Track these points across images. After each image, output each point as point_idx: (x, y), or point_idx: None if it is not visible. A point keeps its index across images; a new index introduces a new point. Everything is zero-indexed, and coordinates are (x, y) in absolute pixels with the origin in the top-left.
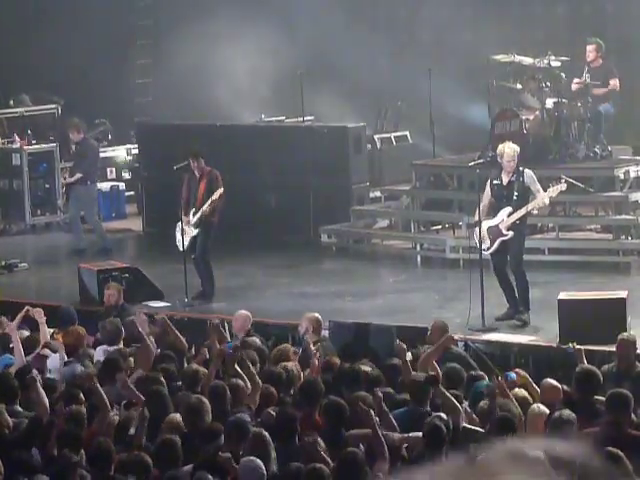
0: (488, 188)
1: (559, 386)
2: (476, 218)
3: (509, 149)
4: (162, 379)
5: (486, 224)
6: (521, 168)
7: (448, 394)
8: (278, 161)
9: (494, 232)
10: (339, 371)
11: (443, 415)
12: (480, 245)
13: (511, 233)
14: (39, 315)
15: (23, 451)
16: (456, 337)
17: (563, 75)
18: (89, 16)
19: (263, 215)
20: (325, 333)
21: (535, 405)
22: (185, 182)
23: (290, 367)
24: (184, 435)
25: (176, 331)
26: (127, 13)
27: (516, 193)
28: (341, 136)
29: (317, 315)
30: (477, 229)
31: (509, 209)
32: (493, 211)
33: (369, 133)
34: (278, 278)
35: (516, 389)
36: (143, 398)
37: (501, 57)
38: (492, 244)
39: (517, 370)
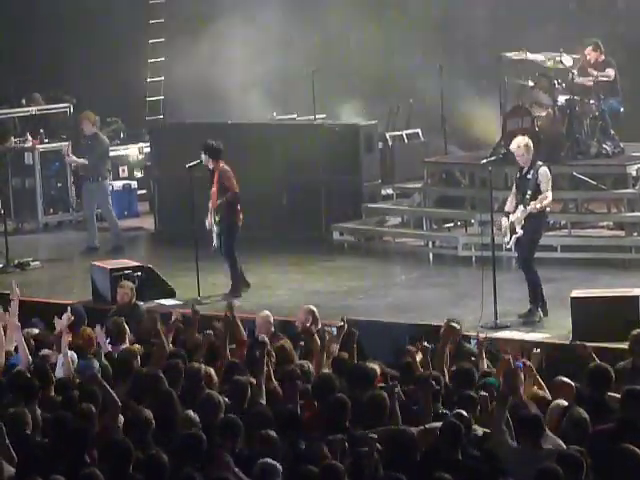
0: (514, 181)
1: (572, 384)
2: (506, 209)
3: (514, 143)
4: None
5: (511, 218)
6: (539, 163)
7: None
8: (290, 159)
9: (511, 228)
10: (351, 370)
11: (463, 412)
12: (493, 241)
13: (521, 231)
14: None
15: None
16: (468, 334)
17: (575, 72)
18: (102, 14)
19: (275, 213)
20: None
21: (559, 401)
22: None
23: (305, 365)
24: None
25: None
26: (139, 11)
27: (529, 191)
28: (353, 134)
29: (312, 307)
30: (502, 220)
31: (522, 207)
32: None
33: (380, 131)
34: (290, 275)
35: (535, 388)
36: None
37: (513, 54)
38: (510, 239)
39: (524, 360)
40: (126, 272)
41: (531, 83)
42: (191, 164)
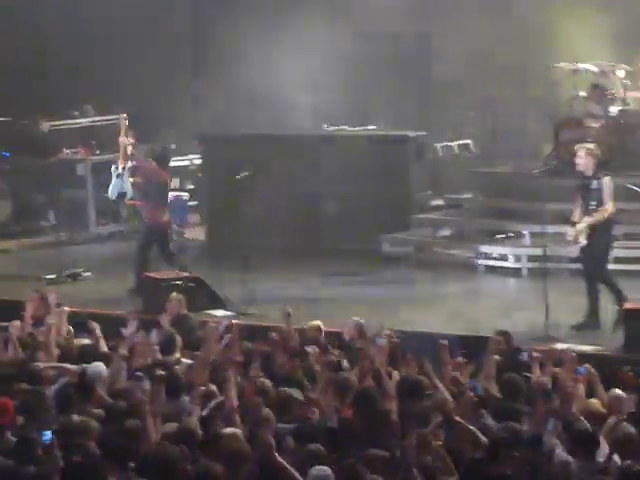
0: (578, 191)
1: (625, 397)
2: (573, 219)
3: (578, 146)
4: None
5: (577, 227)
6: (603, 172)
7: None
8: (339, 169)
9: (576, 238)
10: (401, 382)
11: (514, 424)
12: (545, 252)
13: (584, 242)
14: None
15: None
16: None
17: (628, 83)
18: (155, 28)
19: (324, 223)
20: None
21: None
22: None
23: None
24: None
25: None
26: (192, 26)
27: (594, 202)
28: (402, 144)
29: (360, 319)
30: (569, 230)
31: (587, 217)
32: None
33: (431, 141)
34: (338, 287)
35: (592, 400)
36: None
37: (565, 64)
38: (577, 247)
39: (587, 365)
40: (176, 282)
41: (583, 94)
42: (241, 175)
